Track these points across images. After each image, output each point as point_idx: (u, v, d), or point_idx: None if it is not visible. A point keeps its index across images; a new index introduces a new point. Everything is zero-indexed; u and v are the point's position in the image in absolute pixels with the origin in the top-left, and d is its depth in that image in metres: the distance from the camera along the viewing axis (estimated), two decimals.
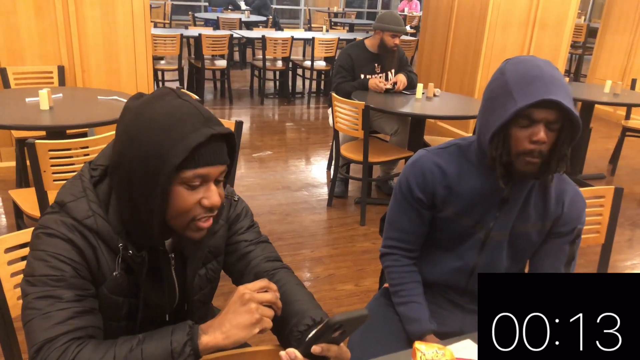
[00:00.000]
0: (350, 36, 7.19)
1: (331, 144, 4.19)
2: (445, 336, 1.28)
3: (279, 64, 6.50)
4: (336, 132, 3.43)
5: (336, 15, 11.41)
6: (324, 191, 3.85)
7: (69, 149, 2.08)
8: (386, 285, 1.51)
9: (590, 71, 6.98)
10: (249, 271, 1.11)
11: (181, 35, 5.63)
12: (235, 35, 6.46)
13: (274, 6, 12.56)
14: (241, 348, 0.97)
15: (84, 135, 3.05)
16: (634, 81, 4.71)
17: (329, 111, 3.63)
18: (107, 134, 2.17)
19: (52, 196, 0.99)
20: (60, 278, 0.88)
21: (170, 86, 1.01)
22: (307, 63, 6.44)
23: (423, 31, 5.74)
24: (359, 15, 13.68)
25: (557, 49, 4.98)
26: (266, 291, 0.93)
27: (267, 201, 3.60)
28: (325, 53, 6.27)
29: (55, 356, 0.84)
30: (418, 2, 11.03)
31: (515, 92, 1.12)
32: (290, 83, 6.78)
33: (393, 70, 3.76)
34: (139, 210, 0.90)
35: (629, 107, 4.77)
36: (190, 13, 9.28)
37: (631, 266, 3.09)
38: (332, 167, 3.77)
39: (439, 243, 1.40)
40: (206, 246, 1.08)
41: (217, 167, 0.91)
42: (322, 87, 7.08)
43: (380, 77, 3.70)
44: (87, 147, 2.13)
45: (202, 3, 12.98)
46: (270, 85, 7.13)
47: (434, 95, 3.68)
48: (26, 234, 1.26)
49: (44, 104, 2.56)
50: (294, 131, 5.44)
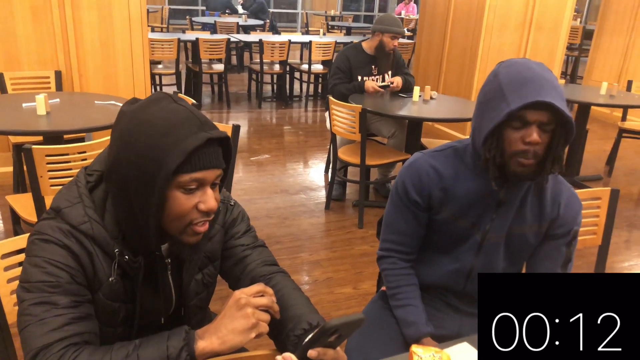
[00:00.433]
0: (347, 39, 7.20)
1: (329, 147, 4.19)
2: (442, 339, 1.28)
3: (277, 68, 6.51)
4: (333, 135, 3.43)
5: (333, 18, 11.43)
6: (322, 194, 3.85)
7: (66, 154, 2.07)
8: (383, 288, 1.51)
9: (586, 73, 7.00)
10: (246, 276, 1.11)
11: (178, 39, 5.63)
12: (232, 39, 6.46)
13: (271, 10, 12.59)
14: (238, 353, 0.96)
15: (81, 140, 3.04)
16: (630, 83, 4.72)
17: (327, 114, 3.63)
18: (105, 139, 2.17)
19: (49, 201, 0.99)
20: (56, 284, 0.88)
21: (166, 91, 1.01)
22: (305, 66, 6.45)
23: (420, 34, 5.76)
24: (356, 18, 13.73)
25: (553, 51, 5.00)
26: (262, 295, 0.93)
27: (265, 205, 3.60)
28: (322, 56, 6.28)
29: None
30: (415, 5, 11.07)
31: (507, 94, 1.12)
32: (287, 86, 6.79)
33: (390, 72, 3.78)
34: (136, 214, 0.90)
35: (625, 109, 4.79)
36: (187, 17, 9.29)
37: (628, 267, 3.10)
38: (330, 170, 3.78)
39: (436, 245, 1.41)
40: (202, 251, 1.08)
41: (214, 171, 0.92)
42: (320, 91, 7.08)
43: (377, 79, 3.71)
44: (85, 152, 2.13)
45: (200, 7, 13.01)
46: (267, 88, 7.14)
47: (431, 97, 3.69)
48: (23, 240, 1.25)
49: (41, 109, 2.56)
50: (292, 134, 5.44)
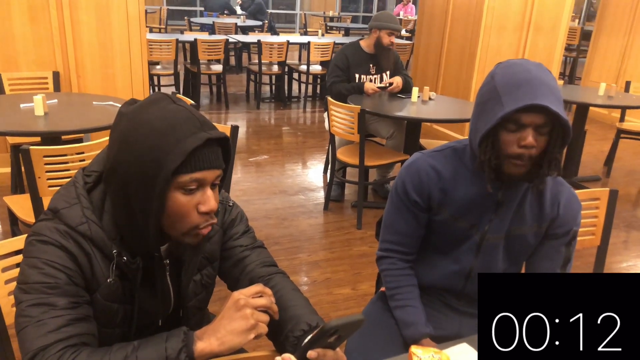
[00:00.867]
0: (345, 40, 7.21)
1: (327, 148, 4.19)
2: (442, 340, 1.28)
3: (275, 68, 6.51)
4: (332, 136, 3.43)
5: (332, 19, 11.44)
6: (321, 195, 3.85)
7: (64, 155, 2.07)
8: (383, 289, 1.51)
9: (584, 74, 7.01)
10: (244, 277, 1.11)
11: (177, 40, 5.63)
12: (231, 39, 6.46)
13: (270, 10, 12.60)
14: (237, 354, 0.96)
15: (80, 141, 3.04)
16: (628, 83, 4.73)
17: (325, 115, 3.64)
18: (103, 140, 2.17)
19: (47, 202, 0.98)
20: (54, 285, 0.88)
21: (164, 91, 1.00)
22: (303, 67, 6.45)
23: (418, 35, 5.76)
24: (355, 19, 13.74)
25: (552, 52, 5.01)
26: (261, 296, 0.93)
27: (264, 205, 3.60)
28: (321, 57, 6.29)
29: None
30: (413, 6, 11.09)
31: (503, 96, 1.11)
32: (286, 87, 6.79)
33: (388, 72, 3.78)
34: (135, 215, 0.90)
35: (623, 110, 4.80)
36: (185, 18, 9.29)
37: (627, 267, 3.10)
38: (329, 171, 3.78)
39: (435, 246, 1.40)
40: (202, 252, 1.07)
41: (213, 171, 0.92)
42: (318, 91, 7.09)
43: (375, 78, 3.72)
44: (83, 153, 2.12)
45: (198, 8, 13.01)
46: (266, 89, 7.13)
47: (430, 98, 3.69)
48: (20, 241, 1.25)
49: (39, 110, 2.55)
50: (290, 135, 5.44)
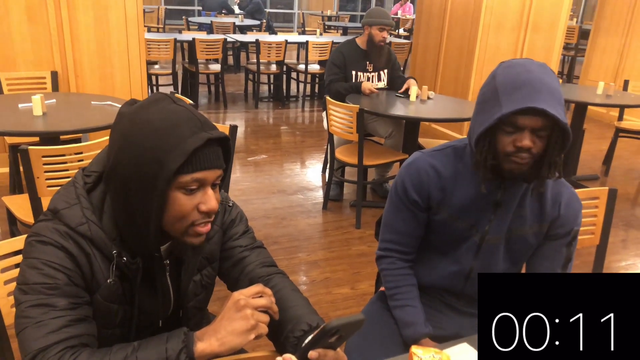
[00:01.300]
0: (343, 39, 7.19)
1: (326, 148, 4.19)
2: (442, 339, 1.28)
3: (273, 68, 6.51)
4: (331, 136, 3.43)
5: (330, 18, 11.44)
6: (320, 194, 3.84)
7: (63, 155, 2.06)
8: (382, 288, 1.51)
9: (582, 73, 7.02)
10: (244, 277, 1.11)
11: (175, 39, 5.62)
12: (229, 39, 6.45)
13: (268, 10, 12.58)
14: (237, 354, 0.96)
15: (78, 140, 3.03)
16: (627, 82, 4.74)
17: (324, 114, 3.63)
18: (102, 140, 2.16)
19: (46, 202, 0.98)
20: (53, 286, 0.88)
21: (164, 91, 1.00)
22: (301, 66, 6.45)
23: (416, 34, 5.76)
24: (353, 18, 13.73)
25: (550, 51, 5.01)
26: (261, 296, 0.93)
27: (263, 205, 3.59)
28: (319, 56, 6.28)
29: None
30: (411, 5, 11.08)
31: (502, 97, 1.10)
32: (284, 87, 6.78)
33: (386, 70, 3.77)
34: (135, 216, 0.90)
35: (622, 108, 4.81)
36: (184, 17, 9.28)
37: (626, 267, 3.10)
38: (327, 170, 3.77)
39: (435, 247, 1.40)
40: (202, 252, 1.07)
41: (214, 171, 0.92)
42: (317, 91, 7.08)
43: (372, 76, 3.72)
44: (81, 153, 2.12)
45: (196, 7, 12.99)
46: (264, 89, 7.13)
47: (428, 97, 3.69)
48: (19, 241, 1.25)
49: (37, 110, 2.55)
50: (289, 135, 5.44)
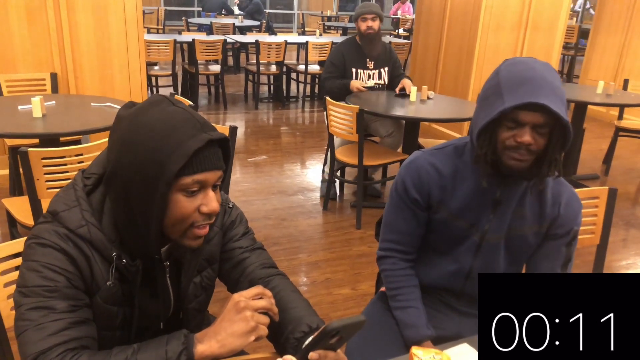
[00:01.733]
0: (343, 40, 7.20)
1: (326, 148, 4.19)
2: (442, 340, 1.28)
3: (273, 69, 6.51)
4: (331, 136, 3.43)
5: (329, 19, 11.44)
6: (318, 195, 3.84)
7: (63, 157, 2.06)
8: (383, 289, 1.51)
9: (582, 72, 7.02)
10: (244, 278, 1.11)
11: (174, 40, 5.62)
12: (228, 40, 6.45)
13: (268, 10, 12.58)
14: (237, 356, 0.96)
15: (78, 142, 3.03)
16: (626, 81, 4.74)
17: (325, 114, 3.63)
18: (101, 141, 2.16)
19: (46, 204, 0.98)
20: (53, 289, 0.88)
21: (162, 92, 1.00)
22: (301, 67, 6.45)
23: (416, 34, 5.76)
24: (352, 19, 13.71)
25: (550, 51, 5.01)
26: (261, 298, 0.93)
27: (263, 206, 3.59)
28: (319, 57, 6.28)
29: None
30: (411, 5, 11.08)
31: (504, 93, 1.11)
32: (284, 87, 6.78)
33: (386, 68, 3.75)
34: (136, 218, 0.90)
35: (622, 108, 4.80)
36: (183, 18, 9.28)
37: (626, 266, 3.10)
38: (324, 169, 3.77)
39: (435, 246, 1.40)
40: (202, 254, 1.07)
41: (215, 173, 0.91)
42: (317, 91, 7.08)
43: (373, 74, 3.71)
44: (81, 155, 2.11)
45: (196, 8, 13.00)
46: (264, 89, 7.13)
47: (428, 97, 3.69)
48: (19, 244, 1.24)
49: (37, 112, 2.55)
50: (289, 135, 5.44)
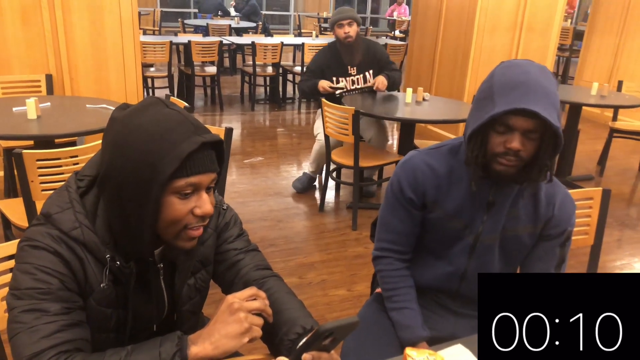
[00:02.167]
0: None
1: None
2: (437, 341, 1.28)
3: (269, 70, 6.51)
4: (327, 137, 3.43)
5: (326, 20, 11.43)
6: (315, 196, 3.84)
7: (58, 159, 2.06)
8: (378, 290, 1.51)
9: (577, 73, 7.05)
10: (239, 280, 1.11)
11: (170, 42, 5.61)
12: (225, 41, 6.45)
13: (264, 12, 12.58)
14: (232, 357, 0.96)
15: (73, 144, 3.02)
16: (621, 83, 4.76)
17: (317, 117, 3.63)
18: (97, 143, 2.15)
19: (41, 206, 0.98)
20: (46, 291, 0.87)
21: (158, 94, 1.00)
22: (298, 68, 6.45)
23: (412, 36, 5.77)
24: None
25: (545, 52, 5.03)
26: (255, 299, 0.93)
27: (259, 207, 3.59)
28: None
29: None
30: (407, 7, 11.11)
31: (496, 97, 1.11)
32: (280, 89, 6.78)
33: (371, 71, 3.66)
34: (130, 220, 0.90)
35: (616, 109, 4.83)
36: (179, 20, 9.26)
37: (620, 266, 3.11)
38: (324, 172, 3.78)
39: (430, 247, 1.41)
40: (196, 256, 1.07)
41: (209, 175, 0.91)
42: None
43: (357, 79, 3.66)
44: (76, 157, 2.11)
45: (192, 10, 12.99)
46: (260, 91, 7.13)
47: (424, 99, 3.70)
48: (13, 246, 1.23)
49: (32, 113, 2.54)
50: (285, 137, 5.44)
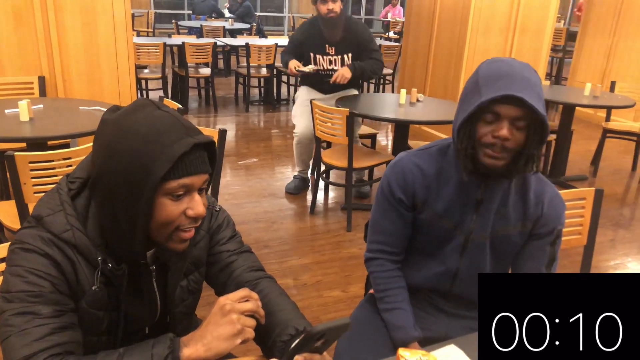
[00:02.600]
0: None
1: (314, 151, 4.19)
2: (430, 341, 1.28)
3: (264, 71, 6.50)
4: (318, 139, 3.43)
5: None
6: (310, 198, 3.84)
7: (50, 161, 2.05)
8: (372, 291, 1.51)
9: (570, 74, 7.09)
10: (232, 282, 1.11)
11: (164, 43, 5.60)
12: (219, 43, 6.45)
13: (258, 13, 12.57)
14: (224, 359, 0.96)
15: (66, 146, 3.01)
16: (613, 83, 4.79)
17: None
18: (90, 145, 2.14)
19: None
20: (38, 294, 0.87)
21: (152, 96, 1.00)
22: None
23: (406, 37, 5.78)
24: None
25: (538, 53, 5.06)
26: (247, 301, 0.93)
27: (254, 209, 3.58)
28: None
29: None
30: (401, 8, 11.13)
31: (482, 87, 1.14)
32: (275, 90, 6.78)
33: (350, 54, 3.57)
34: (121, 222, 0.89)
35: (609, 109, 4.85)
36: (173, 21, 9.25)
37: (614, 266, 3.13)
38: (316, 173, 3.78)
39: (422, 248, 1.41)
40: (188, 257, 1.07)
41: (201, 177, 0.91)
42: None
43: (334, 59, 3.59)
44: (69, 159, 2.10)
45: (186, 11, 12.96)
46: (255, 92, 7.12)
47: (417, 100, 3.71)
48: (4, 249, 1.23)
49: (24, 115, 2.53)
50: (279, 138, 5.44)
